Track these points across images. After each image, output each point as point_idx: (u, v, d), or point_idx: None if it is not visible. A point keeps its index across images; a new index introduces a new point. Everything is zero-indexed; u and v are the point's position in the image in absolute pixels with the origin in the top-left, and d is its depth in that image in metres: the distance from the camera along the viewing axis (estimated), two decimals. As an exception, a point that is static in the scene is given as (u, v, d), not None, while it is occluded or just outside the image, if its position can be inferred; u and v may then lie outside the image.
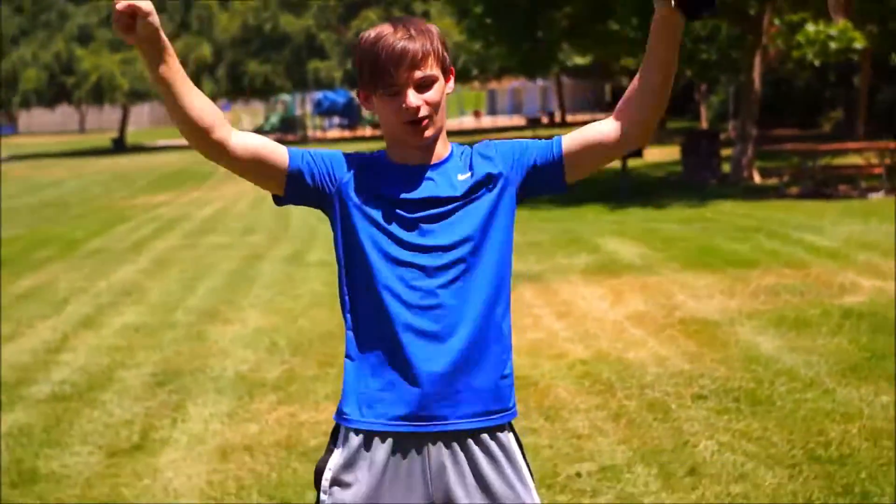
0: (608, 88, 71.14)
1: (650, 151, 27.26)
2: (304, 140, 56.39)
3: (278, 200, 3.05)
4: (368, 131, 58.21)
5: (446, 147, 3.02)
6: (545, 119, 62.19)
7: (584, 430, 6.40)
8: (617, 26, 22.93)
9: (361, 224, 2.94)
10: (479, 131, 54.79)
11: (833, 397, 6.80)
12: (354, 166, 3.00)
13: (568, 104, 65.19)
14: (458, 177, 2.98)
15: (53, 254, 15.83)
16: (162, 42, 2.75)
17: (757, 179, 22.59)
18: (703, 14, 2.80)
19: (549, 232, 15.58)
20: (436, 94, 2.93)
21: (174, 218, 20.86)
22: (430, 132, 2.95)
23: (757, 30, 22.39)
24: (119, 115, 65.42)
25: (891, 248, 12.31)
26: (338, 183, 2.97)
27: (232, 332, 9.65)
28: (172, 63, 2.79)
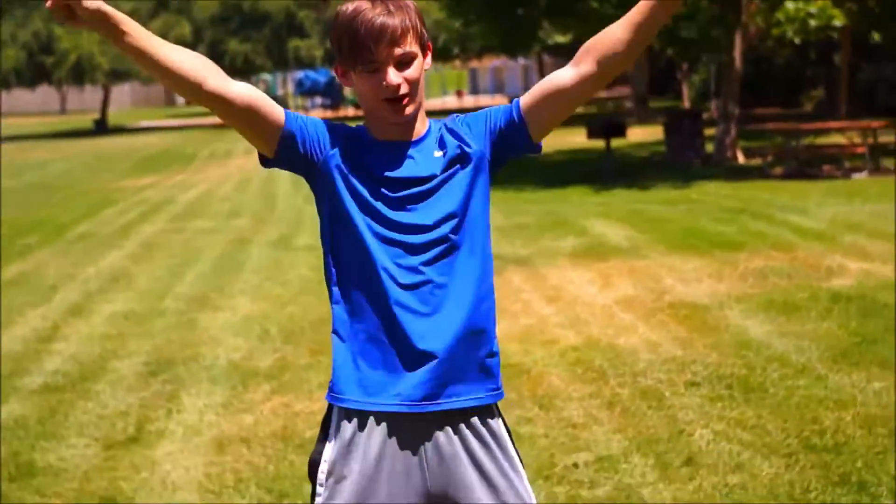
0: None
1: (633, 131, 27.23)
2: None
3: (266, 162, 3.03)
4: (351, 111, 58.05)
5: (424, 124, 3.04)
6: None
7: (579, 419, 6.44)
8: (597, 4, 22.90)
9: (349, 199, 2.94)
10: (462, 111, 54.46)
11: (825, 384, 6.85)
12: (341, 138, 2.99)
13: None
14: (435, 153, 2.99)
15: (40, 239, 15.78)
16: (110, 16, 2.72)
17: (741, 160, 22.61)
18: None
19: (534, 214, 15.60)
20: (415, 72, 2.94)
21: (160, 201, 20.81)
22: (410, 109, 2.96)
23: (737, 7, 22.38)
24: (100, 96, 65.06)
25: (876, 229, 12.39)
26: (325, 153, 2.97)
27: (222, 320, 9.65)
28: (133, 30, 2.76)
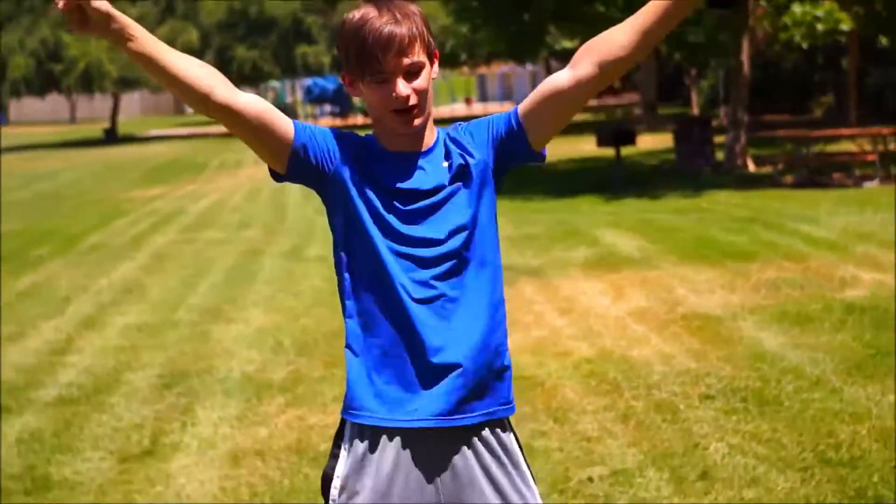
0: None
1: (643, 139, 27.19)
2: (296, 128, 56.16)
3: (278, 177, 3.00)
4: (360, 119, 58.01)
5: (433, 133, 3.02)
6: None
7: (594, 433, 6.44)
8: (604, 8, 22.89)
9: (363, 211, 2.92)
10: (471, 118, 54.45)
11: (840, 396, 6.84)
12: (351, 148, 2.96)
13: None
14: (443, 164, 2.98)
15: (52, 250, 15.81)
16: (121, 22, 2.72)
17: (751, 167, 22.58)
18: (726, 7, 2.78)
19: (545, 224, 15.58)
20: (423, 82, 2.92)
21: (171, 211, 20.82)
22: (419, 120, 2.94)
23: (743, 11, 22.37)
24: (110, 104, 65.11)
25: (888, 239, 12.36)
26: (336, 163, 2.94)
27: (235, 332, 9.67)
28: (141, 36, 2.76)
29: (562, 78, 2.96)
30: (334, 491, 2.97)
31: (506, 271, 3.09)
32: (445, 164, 2.98)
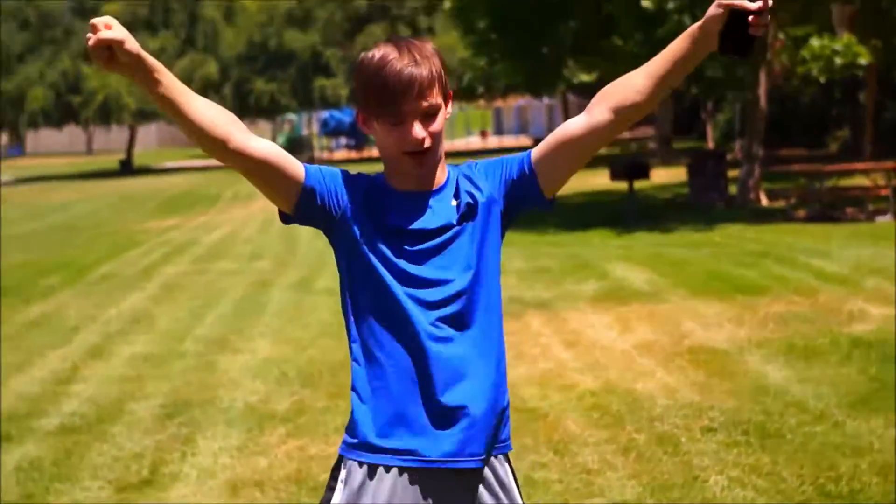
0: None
1: (656, 172, 27.17)
2: (311, 161, 56.33)
3: (285, 219, 3.00)
4: (376, 152, 58.04)
5: (444, 172, 3.00)
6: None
7: (594, 465, 6.40)
8: (621, 42, 22.93)
9: (370, 255, 2.91)
10: (486, 152, 54.83)
11: (843, 430, 6.80)
12: (359, 190, 2.95)
13: (573, 120, 64.96)
14: (452, 202, 2.96)
15: (63, 280, 15.85)
16: (148, 64, 2.70)
17: (764, 202, 22.55)
18: (740, 56, 2.78)
19: (557, 257, 15.55)
20: (439, 125, 2.91)
21: (183, 242, 20.87)
22: (430, 163, 2.93)
23: (761, 45, 22.37)
24: (126, 136, 65.40)
25: (899, 274, 12.31)
26: (343, 206, 2.93)
27: (241, 362, 9.66)
28: (167, 81, 2.74)
29: (577, 124, 2.96)
30: (329, 525, 2.95)
31: (514, 304, 3.10)
32: (454, 203, 2.96)
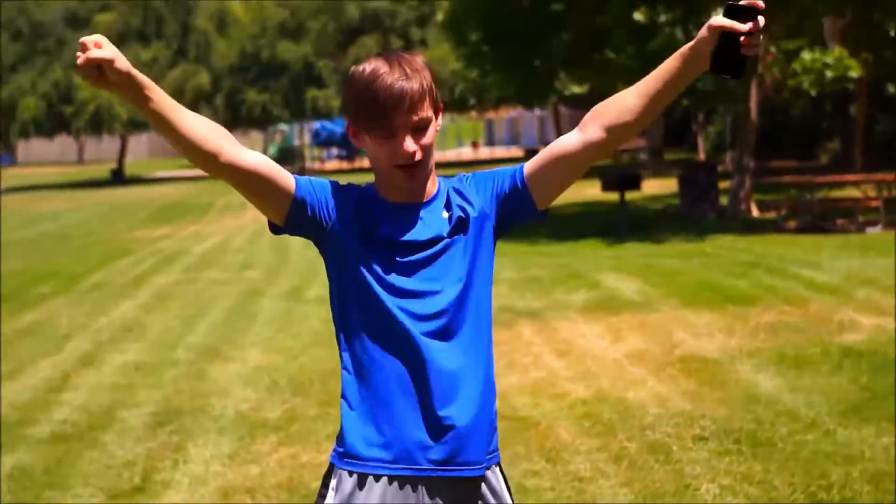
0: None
1: (648, 183, 27.23)
2: (302, 171, 56.38)
3: (276, 229, 3.00)
4: (367, 163, 57.96)
5: (435, 184, 3.01)
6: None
7: (586, 473, 6.41)
8: (613, 55, 22.98)
9: (358, 265, 2.91)
10: (477, 162, 54.88)
11: (834, 439, 6.81)
12: (350, 200, 2.96)
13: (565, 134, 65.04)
14: (443, 214, 2.97)
15: (54, 288, 15.82)
16: (138, 81, 2.71)
17: (755, 213, 22.59)
18: (732, 76, 2.80)
19: (548, 267, 15.56)
20: (429, 138, 2.91)
21: (174, 252, 20.85)
22: (421, 175, 2.94)
23: (752, 60, 22.39)
24: (117, 146, 65.38)
25: (889, 284, 12.34)
26: (334, 217, 2.94)
27: (232, 371, 9.65)
28: (157, 97, 2.75)
29: (570, 141, 2.98)
30: (320, 531, 2.95)
31: (505, 313, 3.11)
32: (445, 215, 2.97)
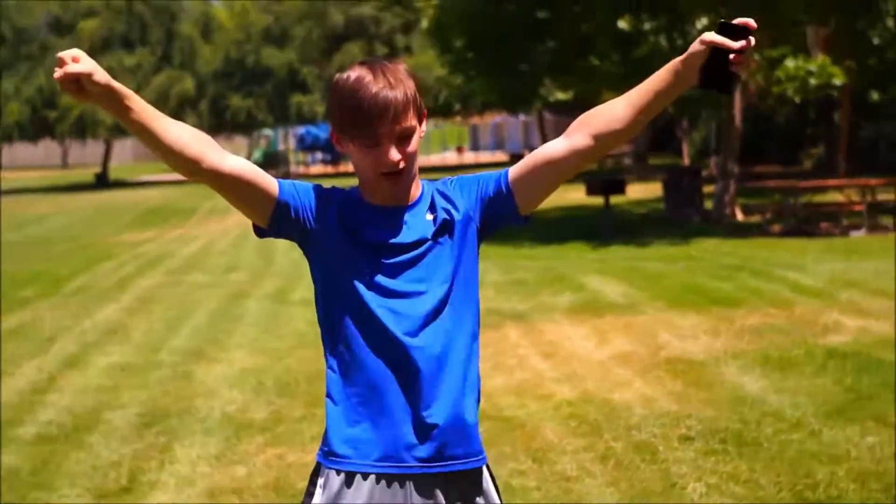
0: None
1: (632, 188, 27.27)
2: (287, 176, 56.29)
3: (260, 232, 3.01)
4: (351, 167, 57.94)
5: (418, 187, 3.02)
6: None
7: (573, 473, 6.42)
8: (598, 62, 23.02)
9: (343, 267, 2.93)
10: (462, 167, 54.88)
11: (819, 439, 6.84)
12: (334, 203, 2.98)
13: (550, 140, 65.10)
14: (427, 216, 2.98)
15: (38, 291, 15.78)
16: (119, 92, 2.71)
17: (739, 217, 22.66)
18: (721, 91, 2.82)
19: (533, 270, 15.58)
20: (413, 146, 2.93)
21: (158, 255, 20.82)
22: (405, 182, 2.96)
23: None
24: (102, 150, 65.25)
25: (873, 287, 12.39)
26: (317, 219, 2.96)
27: (218, 372, 9.64)
28: (138, 107, 2.75)
29: (557, 147, 3.00)
30: (307, 530, 2.95)
31: (491, 315, 3.12)
32: (430, 217, 2.98)
